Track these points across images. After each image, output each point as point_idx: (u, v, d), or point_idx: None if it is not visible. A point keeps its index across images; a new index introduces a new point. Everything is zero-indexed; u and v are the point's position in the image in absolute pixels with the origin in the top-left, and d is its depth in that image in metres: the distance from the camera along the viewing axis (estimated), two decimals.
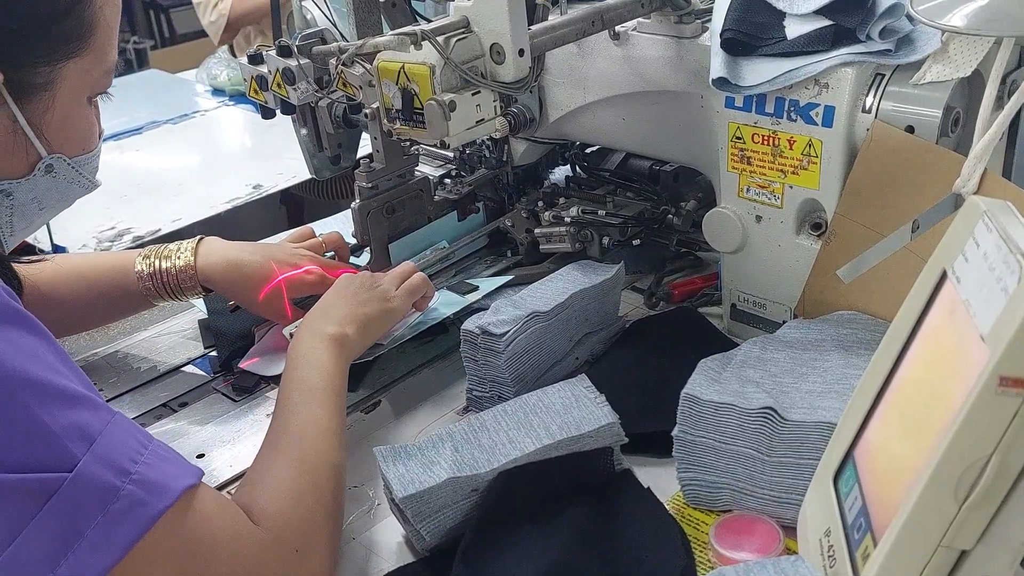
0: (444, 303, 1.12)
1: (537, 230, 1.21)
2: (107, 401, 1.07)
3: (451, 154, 1.34)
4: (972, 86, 0.90)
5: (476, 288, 1.15)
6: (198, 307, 1.23)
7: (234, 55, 2.74)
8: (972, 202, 0.63)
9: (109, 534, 0.64)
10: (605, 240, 1.17)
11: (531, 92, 1.17)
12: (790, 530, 0.79)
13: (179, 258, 1.09)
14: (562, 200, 1.23)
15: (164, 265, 1.09)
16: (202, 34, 4.65)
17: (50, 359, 0.67)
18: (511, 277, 1.18)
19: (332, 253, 1.21)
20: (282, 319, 1.09)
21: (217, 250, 1.11)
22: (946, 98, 0.87)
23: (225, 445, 1.00)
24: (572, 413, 0.86)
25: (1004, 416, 0.54)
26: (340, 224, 1.46)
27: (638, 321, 1.12)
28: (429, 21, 0.96)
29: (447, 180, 1.32)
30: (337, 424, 0.86)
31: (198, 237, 1.13)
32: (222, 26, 2.75)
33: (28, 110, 0.77)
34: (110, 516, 0.64)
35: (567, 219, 1.18)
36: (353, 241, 1.22)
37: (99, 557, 0.64)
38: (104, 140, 0.88)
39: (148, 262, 1.09)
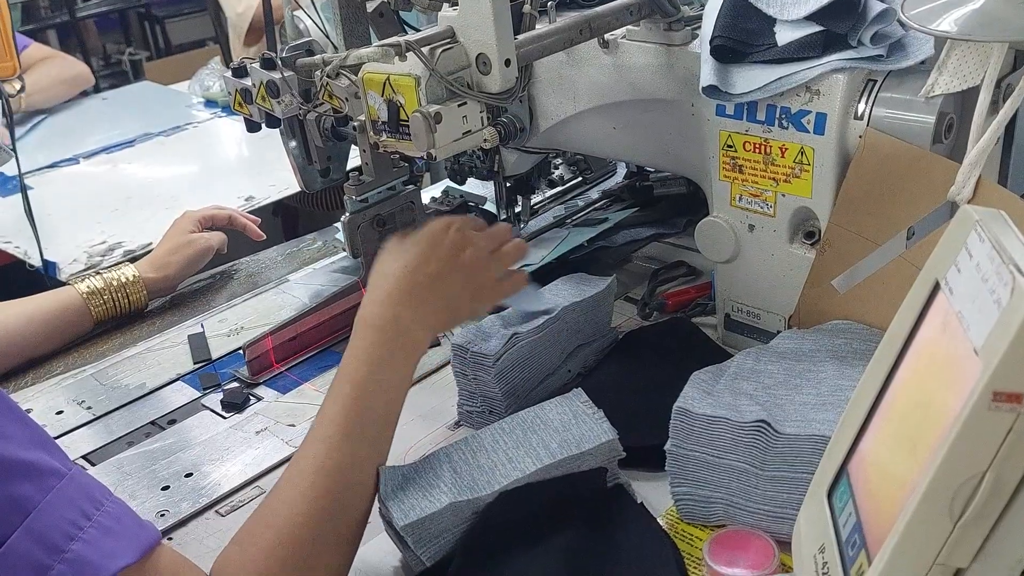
0: (576, 235, 1.28)
1: None
2: (98, 418, 1.08)
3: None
4: (965, 92, 0.89)
5: (606, 219, 1.31)
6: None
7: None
8: (964, 211, 0.61)
9: None
10: None
11: (520, 102, 1.16)
12: (785, 545, 0.77)
13: (120, 272, 1.27)
14: None
15: (112, 280, 1.25)
16: (196, 45, 4.66)
17: None
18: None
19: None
20: None
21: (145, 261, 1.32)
22: (939, 104, 0.86)
23: (214, 463, 0.98)
24: (571, 430, 0.84)
25: (998, 432, 0.53)
26: (331, 236, 1.45)
27: (631, 332, 1.10)
28: (417, 31, 0.95)
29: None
30: (378, 460, 0.81)
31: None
32: (248, 19, 2.55)
33: None
34: None
35: None
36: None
37: None
38: (96, 153, 0.86)
39: (90, 282, 1.24)
